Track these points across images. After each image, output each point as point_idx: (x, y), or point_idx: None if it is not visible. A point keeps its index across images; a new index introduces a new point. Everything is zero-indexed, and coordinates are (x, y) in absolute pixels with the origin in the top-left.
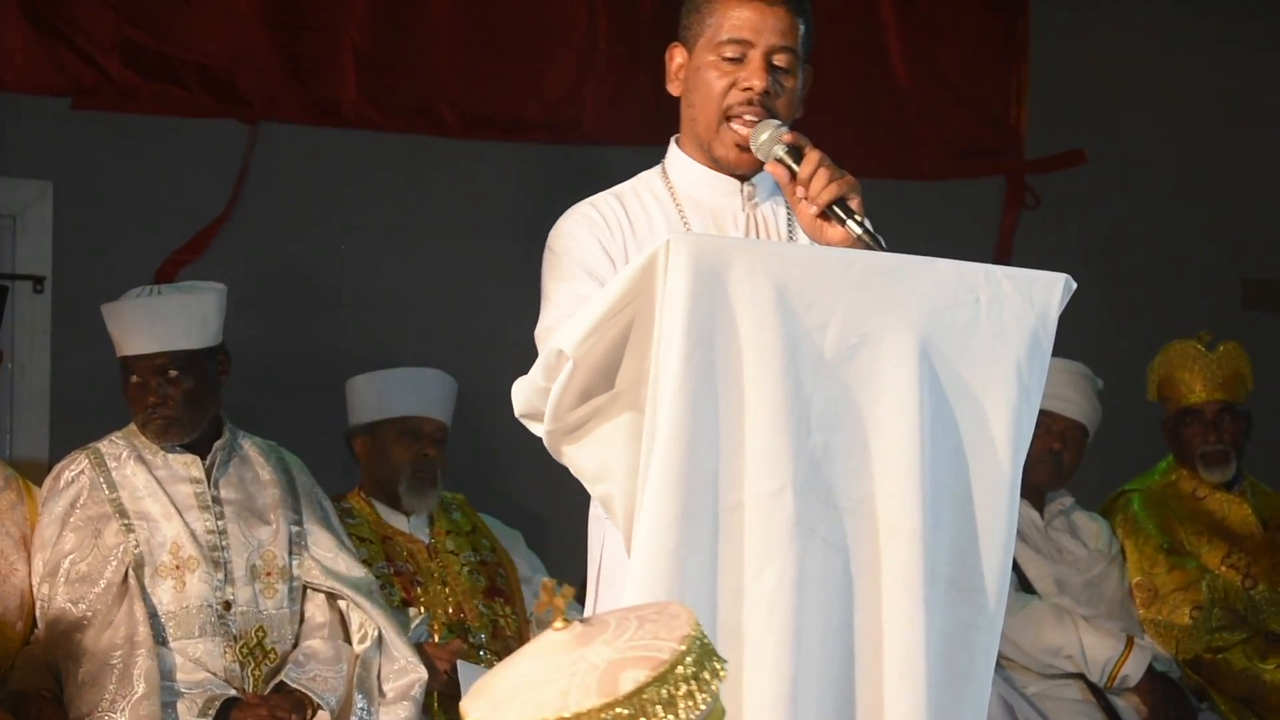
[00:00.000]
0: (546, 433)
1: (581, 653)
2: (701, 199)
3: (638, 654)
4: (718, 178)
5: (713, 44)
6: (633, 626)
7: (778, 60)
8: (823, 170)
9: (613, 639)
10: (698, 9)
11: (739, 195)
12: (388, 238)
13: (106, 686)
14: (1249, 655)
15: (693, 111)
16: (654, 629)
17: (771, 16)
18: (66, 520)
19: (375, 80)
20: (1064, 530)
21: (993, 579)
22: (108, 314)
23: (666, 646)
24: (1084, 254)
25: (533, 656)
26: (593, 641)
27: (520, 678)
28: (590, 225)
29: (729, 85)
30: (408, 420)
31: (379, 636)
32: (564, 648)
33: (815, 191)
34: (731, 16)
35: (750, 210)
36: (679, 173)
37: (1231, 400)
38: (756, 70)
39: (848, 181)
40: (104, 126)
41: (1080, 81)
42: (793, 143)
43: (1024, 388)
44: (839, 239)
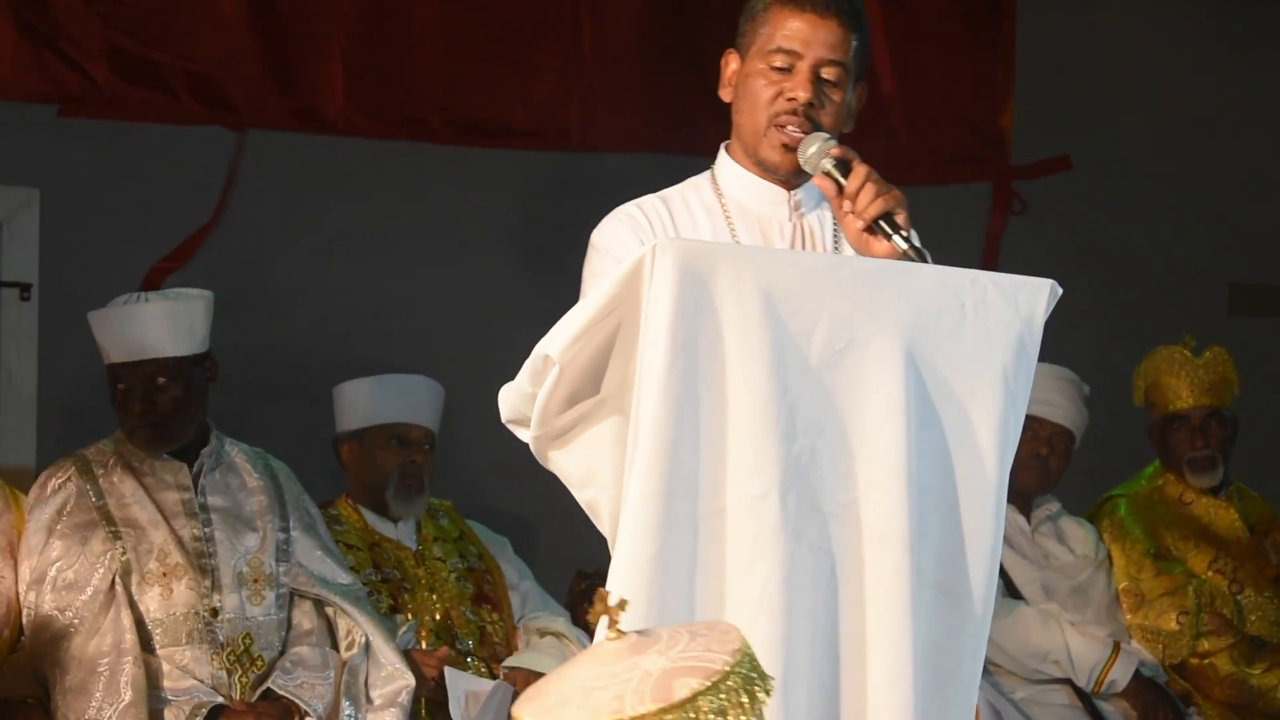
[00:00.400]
0: (533, 438)
1: (636, 661)
2: (749, 207)
3: (691, 664)
4: (765, 186)
5: (763, 52)
6: (685, 639)
7: (825, 73)
8: (870, 185)
9: (666, 649)
10: (753, 17)
11: (786, 204)
12: (375, 245)
13: (93, 694)
14: (1236, 660)
15: (740, 118)
16: (706, 642)
17: (823, 29)
18: (53, 528)
19: (363, 87)
20: (1051, 536)
21: (980, 584)
22: (94, 322)
23: (719, 658)
24: (1071, 259)
25: (587, 663)
26: (647, 651)
27: (574, 683)
28: (634, 225)
29: (775, 94)
30: (395, 427)
31: (366, 643)
32: (618, 656)
33: (862, 206)
34: (783, 27)
35: (797, 220)
36: (728, 180)
37: (1218, 405)
38: (803, 81)
39: (894, 196)
40: (91, 134)
41: (1066, 87)
42: (841, 156)
43: (1010, 393)
44: (884, 253)
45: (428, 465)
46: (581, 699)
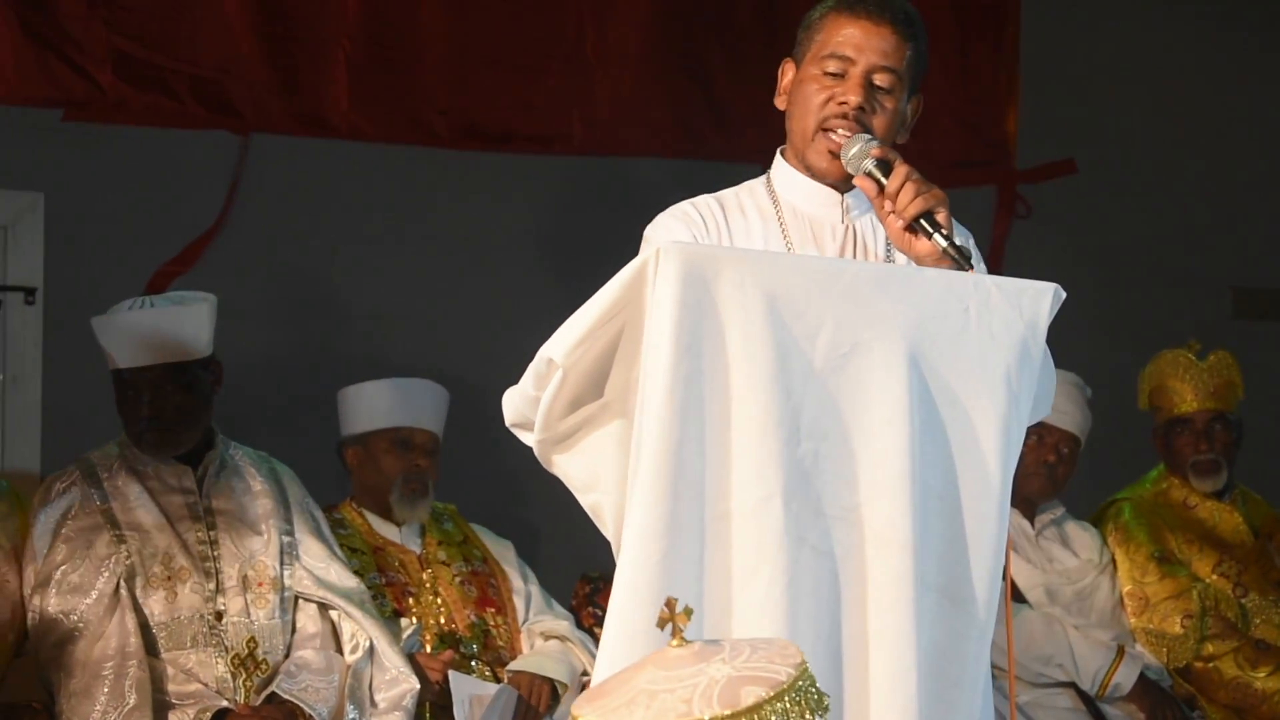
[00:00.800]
0: (537, 442)
1: (701, 667)
2: (802, 209)
3: (756, 673)
4: (819, 189)
5: (817, 59)
6: (747, 650)
7: (878, 79)
8: (910, 184)
9: (730, 658)
10: (809, 26)
11: (839, 207)
12: (379, 249)
13: (98, 697)
14: (1240, 664)
15: (792, 123)
16: (768, 655)
17: (876, 36)
18: (58, 531)
19: (367, 92)
20: (1055, 540)
21: (983, 588)
22: (99, 327)
23: (783, 670)
24: (1075, 263)
25: (650, 667)
26: (711, 659)
27: (638, 686)
28: (687, 221)
29: (826, 99)
30: (399, 431)
31: (370, 647)
32: (683, 662)
33: (902, 205)
34: (838, 33)
35: (849, 222)
36: (783, 183)
37: (1223, 409)
38: (854, 86)
39: (935, 195)
40: (95, 138)
41: (1070, 91)
42: (882, 157)
43: (1013, 396)
44: (926, 252)
45: (432, 469)
46: (647, 700)
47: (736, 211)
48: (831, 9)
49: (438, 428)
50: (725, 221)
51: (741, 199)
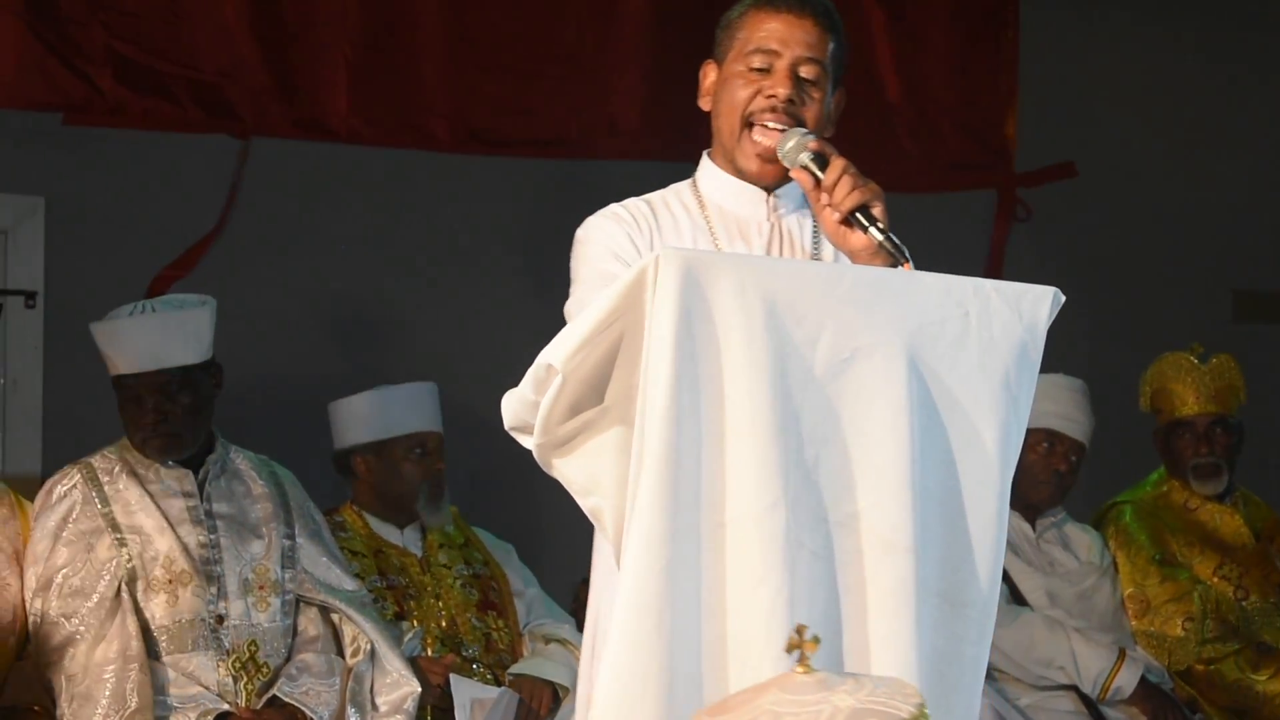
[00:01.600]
0: (536, 446)
1: (826, 695)
2: (728, 209)
3: (878, 708)
4: (744, 188)
5: (741, 55)
6: (870, 685)
7: (804, 71)
8: (846, 177)
9: (853, 691)
10: (729, 25)
11: (764, 205)
12: (379, 252)
13: (99, 701)
14: (1241, 666)
15: (719, 122)
16: (889, 691)
17: (799, 29)
18: (59, 535)
19: (366, 95)
20: (1056, 542)
21: (983, 592)
22: (99, 334)
23: (904, 708)
24: (1075, 266)
25: (775, 690)
26: (835, 689)
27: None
28: (619, 220)
29: (753, 93)
30: (415, 436)
31: (371, 650)
32: (808, 688)
33: (839, 198)
34: (760, 28)
35: (775, 220)
36: (708, 183)
37: (1224, 413)
38: (782, 79)
39: (871, 189)
40: (95, 142)
41: (1070, 94)
42: (818, 150)
43: (1013, 400)
44: (862, 245)
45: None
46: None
47: (665, 211)
48: (751, 6)
49: (441, 428)
50: (655, 221)
51: (668, 200)
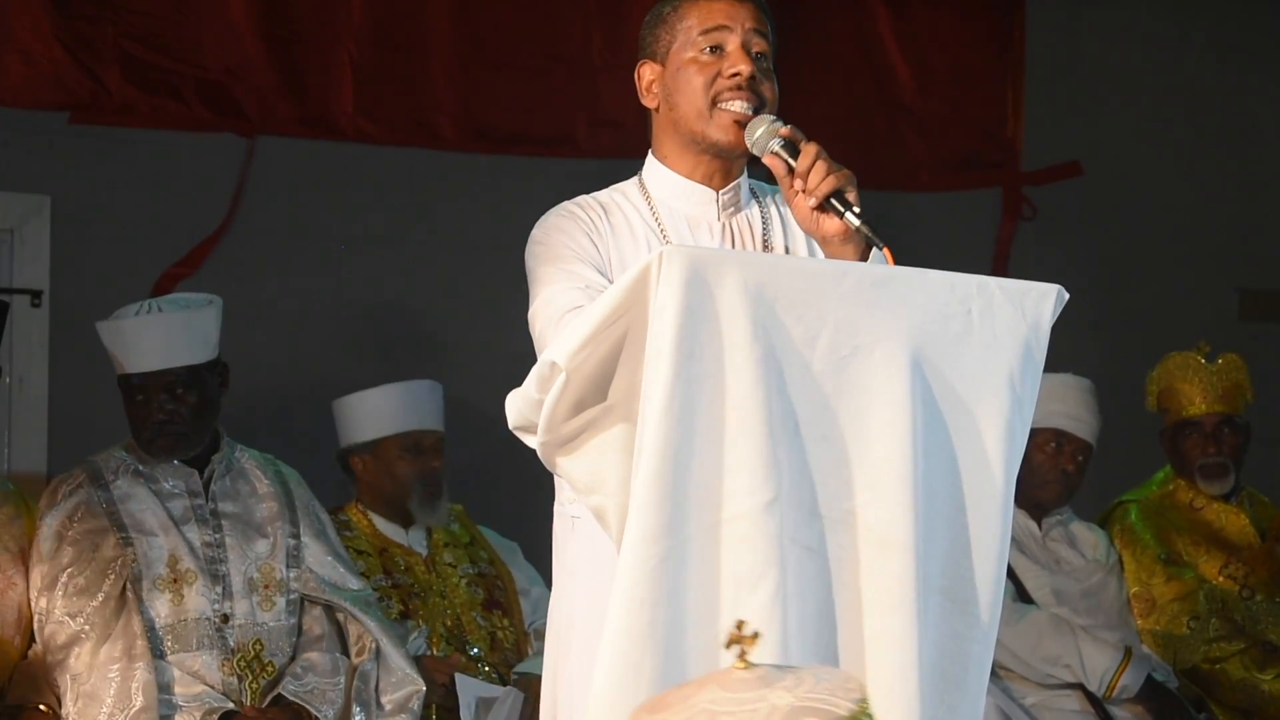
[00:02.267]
0: (540, 444)
1: (764, 693)
2: (677, 208)
3: (817, 705)
4: (693, 188)
5: (690, 43)
6: (810, 680)
7: (756, 46)
8: (820, 163)
9: (792, 687)
10: (664, 19)
11: (714, 204)
12: (385, 251)
13: (104, 700)
14: (1247, 665)
15: (676, 113)
16: (830, 687)
17: (742, 9)
18: (64, 534)
19: (372, 94)
20: (1062, 541)
21: (986, 590)
22: (106, 332)
23: (843, 704)
24: (1081, 265)
25: (712, 687)
26: (774, 686)
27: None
28: (574, 219)
29: (713, 75)
30: (409, 435)
31: (377, 649)
32: (746, 685)
33: (813, 184)
34: (703, 12)
35: (726, 219)
36: (655, 183)
37: (1231, 412)
38: (739, 57)
39: (845, 174)
40: (101, 141)
41: (1076, 93)
42: (789, 136)
43: (1016, 399)
44: (835, 231)
45: (443, 469)
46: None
47: (616, 211)
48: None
49: (442, 426)
50: (608, 221)
51: (616, 200)
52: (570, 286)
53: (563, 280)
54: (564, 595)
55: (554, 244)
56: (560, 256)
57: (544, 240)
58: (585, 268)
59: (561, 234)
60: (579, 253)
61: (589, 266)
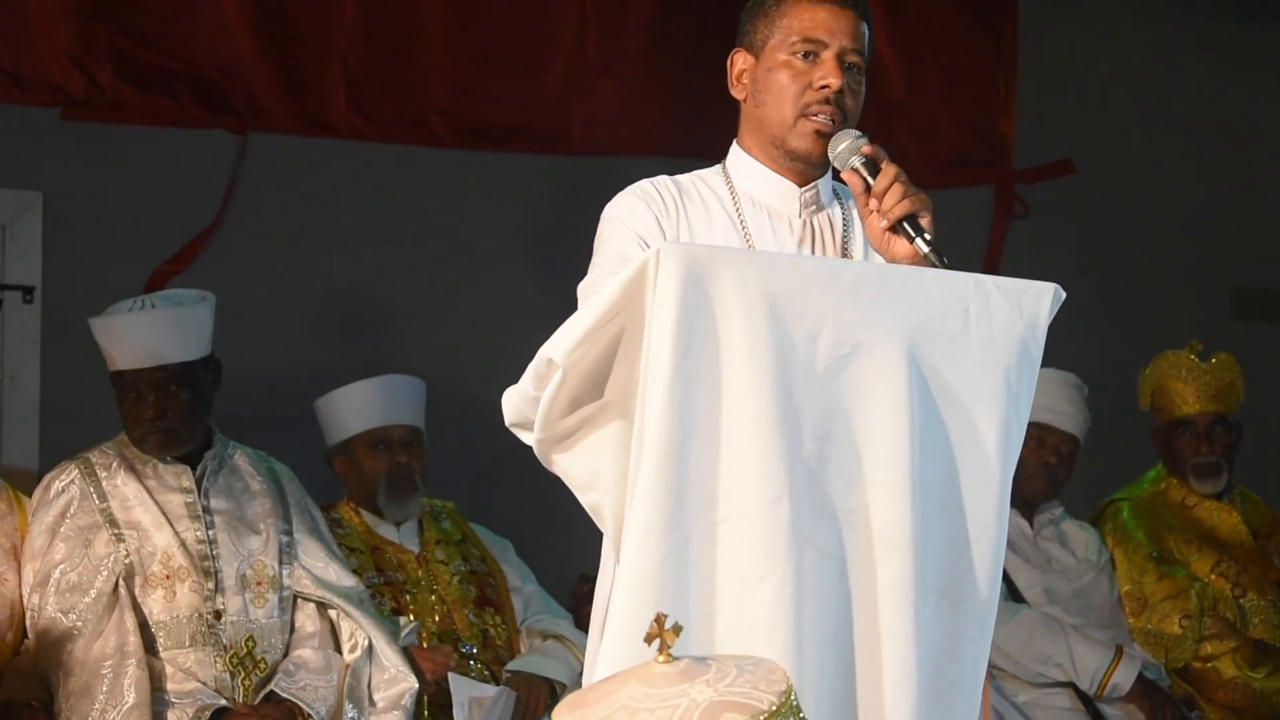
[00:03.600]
0: (536, 441)
1: (684, 689)
2: (760, 200)
3: (737, 699)
4: (779, 181)
5: (785, 44)
6: (732, 673)
7: (851, 59)
8: (897, 185)
9: (714, 681)
10: (766, 13)
11: (797, 200)
12: (377, 248)
13: (97, 696)
14: (1239, 664)
15: (762, 111)
16: (752, 679)
17: (844, 19)
18: (57, 530)
19: (364, 91)
20: (1053, 540)
21: (983, 589)
22: (98, 329)
23: (765, 698)
24: (1073, 263)
25: (634, 682)
26: (695, 680)
27: (619, 701)
28: (647, 199)
29: (804, 85)
30: (374, 432)
31: (369, 646)
32: (667, 681)
33: (888, 206)
34: (805, 18)
35: (808, 216)
36: (739, 173)
37: (1223, 412)
38: (832, 69)
39: (920, 199)
40: (93, 137)
41: (1069, 91)
42: (871, 155)
43: (1013, 397)
44: (905, 254)
45: (416, 463)
46: (626, 718)
47: (695, 198)
48: None
49: (415, 419)
50: (683, 206)
51: (697, 185)
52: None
53: (613, 264)
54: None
55: (620, 225)
56: (622, 238)
57: (613, 218)
58: (641, 251)
59: (631, 214)
60: (644, 237)
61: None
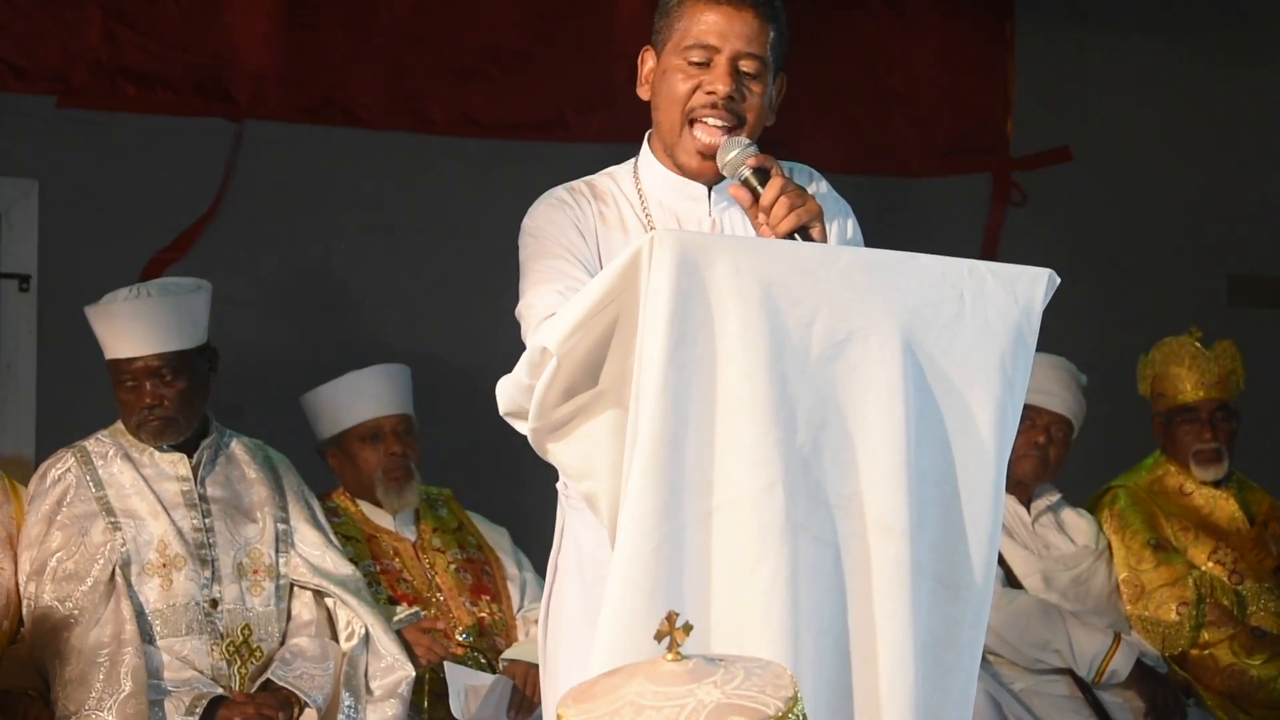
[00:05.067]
0: (531, 430)
1: (691, 688)
2: (667, 202)
3: (744, 703)
4: (684, 182)
5: (680, 48)
6: (740, 675)
7: (744, 66)
8: (785, 198)
9: (722, 683)
10: (667, 13)
11: (705, 201)
12: (374, 236)
13: (93, 685)
14: (1235, 651)
15: (659, 114)
16: (760, 683)
17: (739, 21)
18: (53, 518)
19: (362, 78)
20: (1051, 526)
21: (979, 575)
22: (94, 316)
23: (771, 703)
24: (1070, 250)
25: (641, 679)
26: (703, 680)
27: (626, 697)
28: (565, 208)
29: (693, 88)
30: (366, 424)
31: (366, 634)
32: (675, 679)
33: (776, 219)
34: (699, 20)
35: (717, 215)
36: (648, 174)
37: (1226, 399)
38: (721, 74)
39: (810, 210)
40: (90, 125)
41: (1066, 79)
42: (759, 165)
43: (1008, 383)
44: None
45: (410, 451)
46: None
47: (610, 201)
48: None
49: (405, 408)
50: (598, 210)
51: (610, 188)
52: (552, 290)
53: (547, 282)
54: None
55: (543, 237)
56: (549, 252)
57: (534, 232)
58: (572, 265)
59: (552, 226)
60: (568, 247)
61: (576, 264)
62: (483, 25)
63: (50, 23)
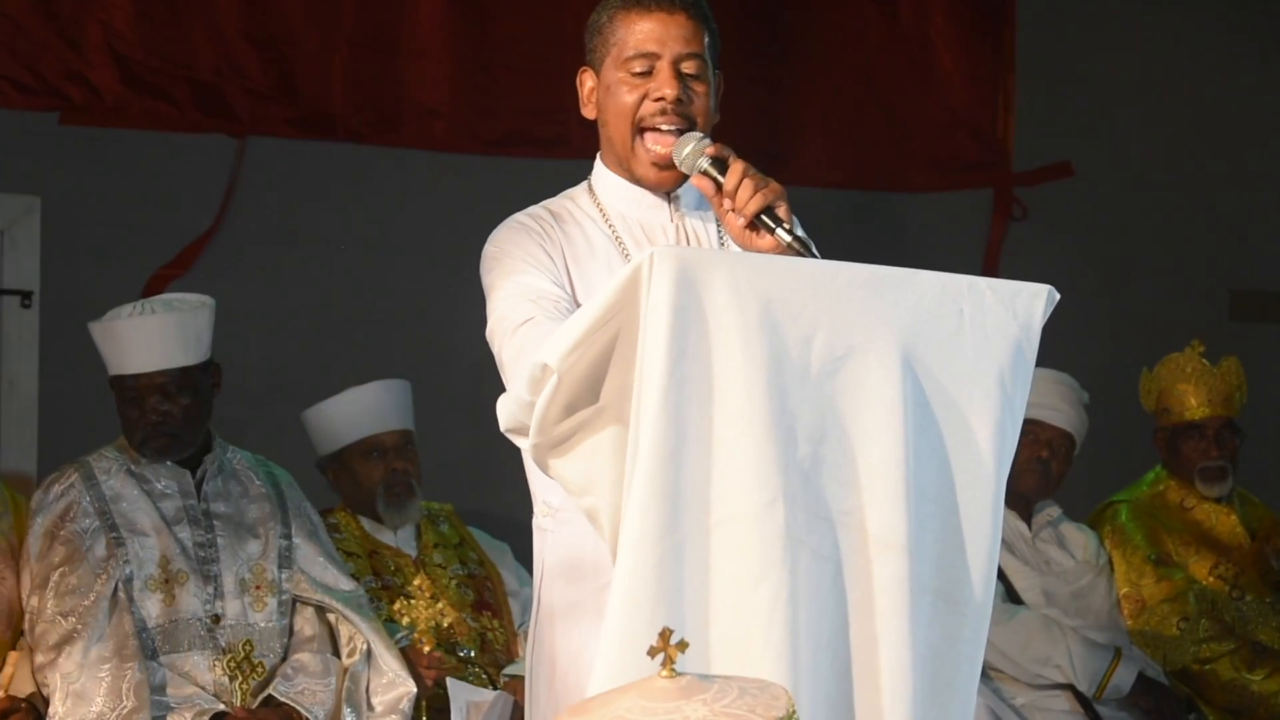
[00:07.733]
0: (532, 446)
1: (680, 705)
2: (629, 214)
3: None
4: (642, 193)
5: (620, 60)
6: (733, 694)
7: (686, 68)
8: (748, 180)
9: (712, 701)
10: (599, 30)
11: (666, 208)
12: (376, 252)
13: (95, 700)
14: (1237, 666)
15: (608, 130)
16: (752, 702)
17: (674, 25)
18: (56, 533)
19: (363, 94)
20: (1052, 541)
21: (978, 590)
22: (99, 333)
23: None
24: (1072, 266)
25: (633, 694)
26: (693, 698)
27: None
28: (526, 230)
29: (640, 98)
30: (366, 441)
31: (368, 650)
32: (665, 696)
33: (742, 202)
34: (635, 30)
35: (679, 221)
36: (605, 189)
37: (1231, 416)
38: (666, 79)
39: (774, 189)
40: (92, 141)
41: (1067, 94)
42: (716, 155)
43: (1007, 399)
44: (768, 248)
45: (411, 467)
46: None
47: (571, 221)
48: (619, 8)
49: (405, 423)
50: (561, 231)
51: (569, 208)
52: (522, 299)
53: (514, 294)
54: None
55: (506, 257)
56: (512, 269)
57: (496, 255)
58: (537, 277)
59: (514, 246)
60: (531, 262)
61: (542, 275)
62: (485, 39)
63: (52, 40)
